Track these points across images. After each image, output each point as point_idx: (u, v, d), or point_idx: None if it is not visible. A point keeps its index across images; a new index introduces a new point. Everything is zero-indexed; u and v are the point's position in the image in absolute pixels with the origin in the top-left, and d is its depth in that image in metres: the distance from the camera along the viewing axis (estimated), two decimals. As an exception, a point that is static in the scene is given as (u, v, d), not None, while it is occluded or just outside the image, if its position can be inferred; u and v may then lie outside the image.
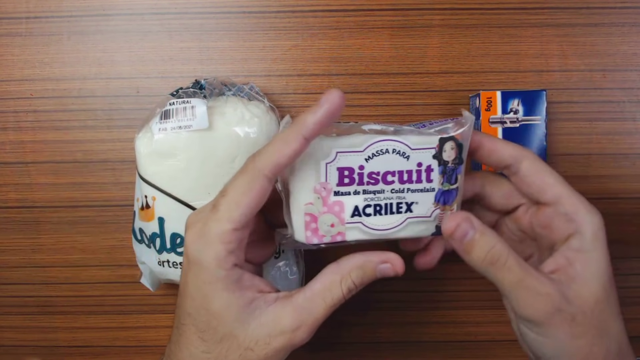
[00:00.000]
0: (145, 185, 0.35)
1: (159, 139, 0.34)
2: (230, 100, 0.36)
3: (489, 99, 0.39)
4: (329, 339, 0.44)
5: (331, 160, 0.28)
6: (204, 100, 0.35)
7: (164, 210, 0.35)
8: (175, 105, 0.34)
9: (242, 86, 0.38)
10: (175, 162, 0.34)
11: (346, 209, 0.28)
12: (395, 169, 0.29)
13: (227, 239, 0.27)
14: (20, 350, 0.44)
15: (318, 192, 0.28)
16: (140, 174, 0.35)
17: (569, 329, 0.28)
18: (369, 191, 0.28)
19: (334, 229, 0.28)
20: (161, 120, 0.34)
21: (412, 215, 0.29)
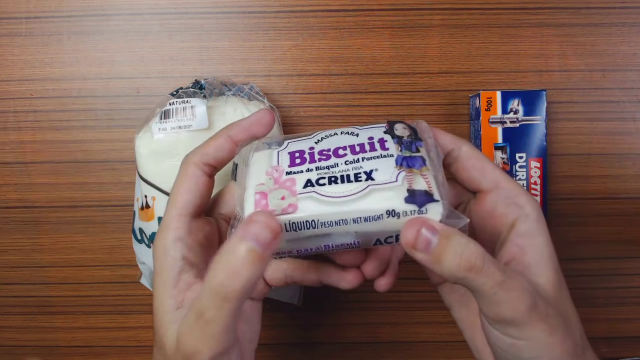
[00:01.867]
0: (145, 185, 0.35)
1: (158, 138, 0.34)
2: (230, 100, 0.37)
3: (489, 99, 0.39)
4: (329, 339, 0.44)
5: (283, 148, 0.28)
6: (203, 100, 0.35)
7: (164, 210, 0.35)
8: (175, 105, 0.34)
9: (242, 86, 0.38)
10: (175, 162, 0.34)
11: (298, 182, 0.26)
12: (346, 144, 0.27)
13: (174, 225, 0.27)
14: (20, 350, 0.44)
15: (269, 174, 0.27)
16: (140, 173, 0.35)
17: (544, 325, 0.26)
18: (322, 167, 0.27)
19: (285, 201, 0.25)
20: (161, 120, 0.34)
21: (374, 183, 0.25)
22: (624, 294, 0.44)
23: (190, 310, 0.25)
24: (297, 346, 0.44)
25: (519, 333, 0.26)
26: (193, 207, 0.28)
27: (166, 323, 0.26)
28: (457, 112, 0.42)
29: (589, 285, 0.43)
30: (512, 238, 0.28)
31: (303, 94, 0.42)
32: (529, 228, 0.28)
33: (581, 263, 0.43)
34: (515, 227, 0.28)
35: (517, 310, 0.25)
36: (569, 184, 0.42)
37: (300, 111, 0.42)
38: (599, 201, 0.43)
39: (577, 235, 0.43)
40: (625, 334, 0.44)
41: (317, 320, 0.44)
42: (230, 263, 0.23)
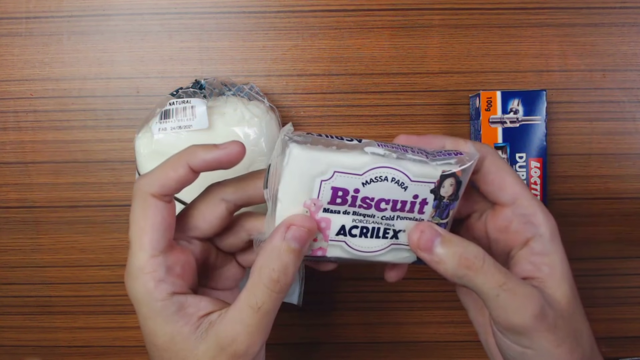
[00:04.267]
0: None
1: (158, 138, 0.34)
2: (230, 100, 0.36)
3: (489, 99, 0.39)
4: (329, 339, 0.44)
5: (327, 179, 0.26)
6: (203, 100, 0.35)
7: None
8: (175, 105, 0.34)
9: (242, 86, 0.38)
10: None
11: (332, 226, 0.27)
12: (391, 197, 0.28)
13: (150, 269, 0.27)
14: (20, 350, 0.44)
15: (307, 207, 0.27)
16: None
17: (553, 336, 0.27)
18: (359, 213, 0.28)
19: (316, 243, 0.28)
20: (161, 120, 0.34)
21: (396, 242, 0.29)
22: (624, 294, 0.44)
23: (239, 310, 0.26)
24: (297, 346, 0.44)
25: (526, 341, 0.27)
26: (164, 243, 0.27)
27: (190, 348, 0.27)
28: (457, 112, 0.42)
29: (589, 285, 0.43)
30: (527, 256, 0.29)
31: (303, 94, 0.42)
32: (543, 247, 0.29)
33: (581, 263, 0.43)
34: (529, 245, 0.29)
35: (523, 316, 0.26)
36: (569, 184, 0.42)
37: (300, 111, 0.42)
38: (599, 201, 0.43)
39: (577, 235, 0.43)
40: (625, 334, 0.44)
41: (317, 320, 0.44)
42: (283, 261, 0.26)
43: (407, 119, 0.42)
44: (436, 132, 0.37)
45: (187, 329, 0.27)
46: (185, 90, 0.36)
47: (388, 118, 0.42)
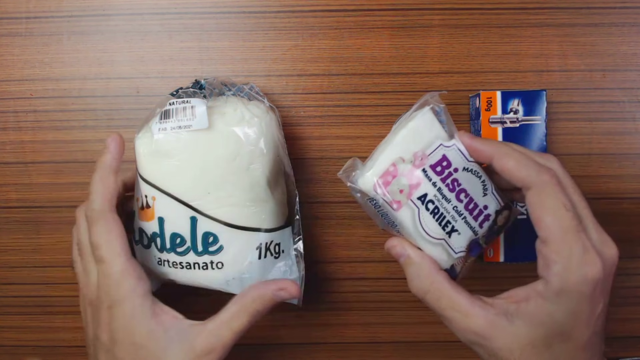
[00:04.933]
0: (145, 184, 0.35)
1: (158, 138, 0.34)
2: (230, 100, 0.36)
3: (489, 99, 0.39)
4: (329, 339, 0.44)
5: (447, 146, 0.31)
6: (203, 100, 0.34)
7: (164, 210, 0.35)
8: (175, 105, 0.34)
9: (242, 86, 0.38)
10: (175, 161, 0.34)
11: (420, 188, 0.30)
12: (471, 194, 0.31)
13: (130, 269, 0.32)
14: (20, 350, 0.45)
15: (415, 156, 0.30)
16: (140, 173, 0.35)
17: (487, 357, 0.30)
18: (442, 192, 0.31)
19: (398, 195, 0.30)
20: (161, 120, 0.34)
21: (446, 240, 0.31)
22: (624, 294, 0.44)
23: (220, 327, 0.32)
24: (297, 346, 0.44)
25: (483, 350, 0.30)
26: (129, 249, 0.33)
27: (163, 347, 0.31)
28: (457, 112, 0.42)
29: (589, 285, 0.43)
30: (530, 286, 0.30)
31: (303, 94, 0.42)
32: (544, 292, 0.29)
33: (581, 263, 0.43)
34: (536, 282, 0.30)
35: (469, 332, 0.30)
36: (569, 184, 0.42)
37: (300, 111, 0.42)
38: (599, 201, 0.43)
39: (577, 235, 0.43)
40: (625, 334, 0.44)
41: (317, 320, 0.44)
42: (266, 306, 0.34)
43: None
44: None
45: (162, 328, 0.31)
46: (185, 90, 0.36)
47: (388, 118, 0.42)
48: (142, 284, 0.32)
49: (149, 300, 0.32)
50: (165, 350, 0.31)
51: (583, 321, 0.29)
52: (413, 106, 0.32)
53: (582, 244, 0.28)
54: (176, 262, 0.36)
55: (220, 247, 0.35)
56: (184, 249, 0.35)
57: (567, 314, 0.29)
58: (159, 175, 0.35)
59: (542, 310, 0.29)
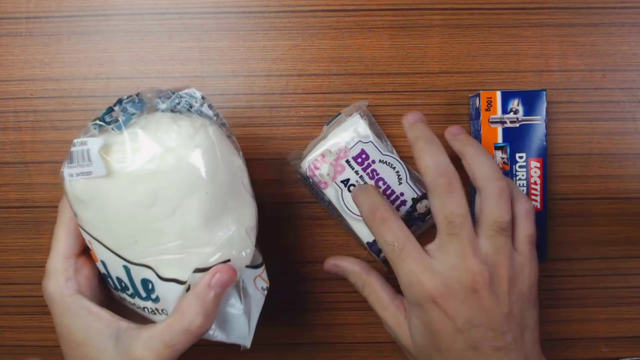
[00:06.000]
0: (81, 228, 0.32)
1: (72, 186, 0.30)
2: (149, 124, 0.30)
3: (489, 99, 0.39)
4: (328, 339, 0.44)
5: (365, 142, 0.38)
6: (99, 141, 0.29)
7: (102, 255, 0.32)
8: (76, 147, 0.29)
9: (179, 95, 0.32)
10: (92, 210, 0.30)
11: (343, 174, 0.38)
12: (388, 182, 0.39)
13: (62, 268, 0.32)
14: (20, 350, 0.44)
15: (340, 150, 0.38)
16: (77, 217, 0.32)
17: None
18: (364, 179, 0.39)
19: (325, 177, 0.38)
20: (68, 165, 0.29)
21: None
22: (624, 294, 0.44)
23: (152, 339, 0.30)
24: (297, 346, 0.44)
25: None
26: (76, 248, 0.33)
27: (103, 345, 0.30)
28: (457, 112, 0.42)
29: (589, 285, 0.43)
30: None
31: (303, 94, 0.42)
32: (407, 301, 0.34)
33: (581, 263, 0.43)
34: None
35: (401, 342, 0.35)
36: (569, 184, 0.42)
37: (300, 111, 0.42)
38: (599, 201, 0.43)
39: (577, 235, 0.43)
40: (625, 334, 0.44)
41: (317, 320, 0.44)
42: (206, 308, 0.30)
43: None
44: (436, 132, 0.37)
45: (98, 326, 0.31)
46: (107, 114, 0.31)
47: (388, 118, 0.42)
48: (70, 285, 0.32)
49: (79, 299, 0.31)
50: (105, 350, 0.30)
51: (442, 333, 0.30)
52: (345, 109, 0.40)
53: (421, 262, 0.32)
54: (131, 302, 0.33)
55: (158, 297, 0.31)
56: (130, 292, 0.32)
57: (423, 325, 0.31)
58: (85, 222, 0.31)
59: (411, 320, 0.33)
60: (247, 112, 0.42)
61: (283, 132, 0.42)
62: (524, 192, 0.40)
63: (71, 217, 0.32)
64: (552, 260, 0.43)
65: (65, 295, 0.31)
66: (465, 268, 0.30)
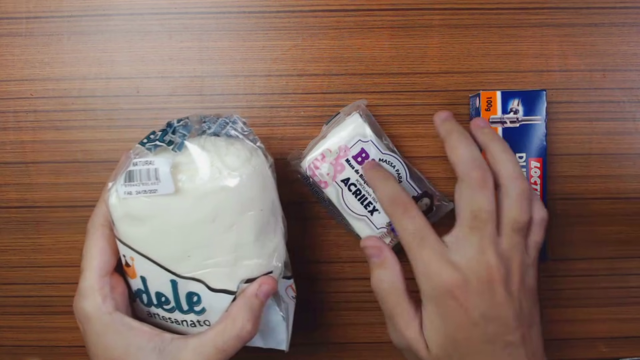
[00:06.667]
0: (122, 245, 0.33)
1: (126, 203, 0.31)
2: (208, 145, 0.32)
3: (489, 99, 0.39)
4: (328, 339, 0.44)
5: (364, 141, 0.38)
6: (168, 160, 0.30)
7: (144, 271, 0.32)
8: (138, 166, 0.30)
9: (224, 120, 0.34)
10: (147, 227, 0.31)
11: (343, 173, 0.38)
12: None
13: (98, 287, 0.32)
14: (20, 350, 0.45)
15: (340, 149, 0.38)
16: (116, 234, 0.33)
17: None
18: (363, 177, 0.38)
19: (325, 177, 0.38)
20: (126, 183, 0.31)
21: (370, 218, 0.39)
22: (623, 294, 0.44)
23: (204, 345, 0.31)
24: (298, 346, 0.44)
25: None
26: (110, 266, 0.33)
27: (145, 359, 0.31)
28: (457, 112, 0.42)
29: (589, 285, 0.43)
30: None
31: (303, 94, 0.42)
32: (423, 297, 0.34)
33: (581, 263, 0.43)
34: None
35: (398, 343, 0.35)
36: (569, 184, 0.42)
37: (300, 111, 0.42)
38: (599, 201, 0.43)
39: (577, 235, 0.43)
40: (625, 334, 0.44)
41: (318, 320, 0.44)
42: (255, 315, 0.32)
43: (407, 118, 0.42)
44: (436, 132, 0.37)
45: (139, 340, 0.31)
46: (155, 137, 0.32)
47: (388, 118, 0.42)
48: (108, 303, 0.32)
49: (119, 316, 0.31)
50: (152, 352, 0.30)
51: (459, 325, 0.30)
52: (343, 109, 0.39)
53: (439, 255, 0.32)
54: (165, 317, 0.34)
55: (204, 309, 0.33)
56: (169, 307, 0.33)
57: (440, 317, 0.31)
58: (133, 238, 0.32)
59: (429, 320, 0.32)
60: (247, 112, 0.42)
61: (283, 132, 0.42)
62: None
63: (104, 234, 0.33)
64: (552, 260, 0.43)
65: (104, 313, 0.31)
66: (483, 262, 0.30)
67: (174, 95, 0.42)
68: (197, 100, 0.42)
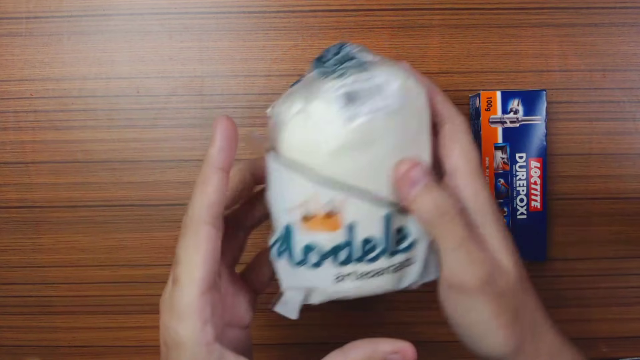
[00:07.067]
0: (327, 188, 0.28)
1: (353, 128, 0.27)
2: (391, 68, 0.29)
3: (489, 99, 0.39)
4: (328, 339, 0.44)
5: None
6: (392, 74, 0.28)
7: (356, 213, 0.28)
8: (360, 83, 0.28)
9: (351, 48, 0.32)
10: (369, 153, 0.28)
11: None
12: None
13: (199, 307, 0.25)
14: (20, 350, 0.44)
15: None
16: (321, 173, 0.28)
17: (494, 306, 0.27)
18: None
19: None
20: (347, 105, 0.27)
21: None
22: (624, 294, 0.44)
23: None
24: (297, 346, 0.44)
25: (468, 303, 0.27)
26: (214, 278, 0.26)
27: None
28: (457, 112, 0.42)
29: (589, 285, 0.43)
30: None
31: (303, 94, 0.42)
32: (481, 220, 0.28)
33: (581, 263, 0.43)
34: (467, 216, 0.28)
35: (472, 276, 0.26)
36: (569, 184, 0.42)
37: (300, 111, 0.42)
38: (599, 201, 0.43)
39: (577, 235, 0.43)
40: (625, 334, 0.44)
41: (318, 320, 0.44)
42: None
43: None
44: (436, 132, 0.37)
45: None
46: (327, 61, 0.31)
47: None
48: (208, 330, 0.25)
49: (218, 350, 0.26)
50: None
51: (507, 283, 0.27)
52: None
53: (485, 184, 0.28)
54: (365, 272, 0.29)
55: (412, 243, 0.29)
56: (375, 254, 0.29)
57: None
58: (351, 172, 0.28)
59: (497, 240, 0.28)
60: (247, 112, 0.42)
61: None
62: (524, 192, 0.40)
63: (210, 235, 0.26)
64: (552, 260, 0.43)
65: (202, 343, 0.25)
66: None
67: (174, 95, 0.42)
68: (197, 100, 0.42)
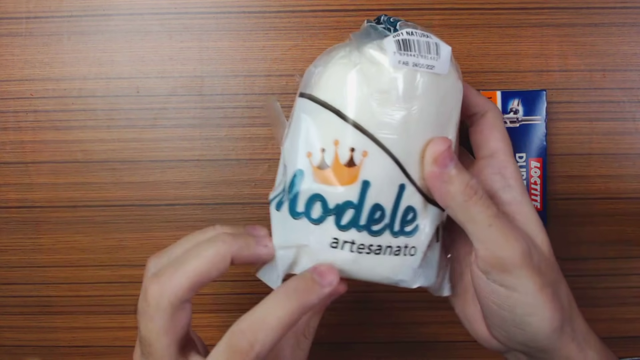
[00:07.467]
0: (356, 132, 0.26)
1: (396, 76, 0.26)
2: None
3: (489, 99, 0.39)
4: (328, 339, 0.44)
5: None
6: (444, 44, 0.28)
7: (374, 171, 0.26)
8: (415, 36, 0.26)
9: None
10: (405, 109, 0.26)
11: None
12: None
13: None
14: (20, 350, 0.45)
15: None
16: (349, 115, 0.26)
17: (537, 278, 0.26)
18: None
19: None
20: (400, 51, 0.26)
21: None
22: (624, 294, 0.44)
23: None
24: (297, 346, 0.44)
25: (511, 281, 0.26)
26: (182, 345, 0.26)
27: None
28: (457, 112, 0.42)
29: (589, 285, 0.43)
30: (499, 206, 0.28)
31: (303, 94, 0.42)
32: (513, 197, 0.29)
33: (581, 263, 0.43)
34: (498, 196, 0.29)
35: (512, 251, 0.26)
36: (569, 184, 0.42)
37: (300, 111, 0.42)
38: (599, 201, 0.43)
39: (577, 235, 0.43)
40: (625, 334, 0.44)
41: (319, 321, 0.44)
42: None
43: (407, 119, 0.42)
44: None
45: None
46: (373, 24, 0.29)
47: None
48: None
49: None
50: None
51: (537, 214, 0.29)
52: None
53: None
54: (363, 245, 0.27)
55: (416, 228, 0.28)
56: (380, 227, 0.27)
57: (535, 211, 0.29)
58: (382, 123, 0.26)
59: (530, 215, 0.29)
60: (247, 112, 0.42)
61: (283, 132, 0.42)
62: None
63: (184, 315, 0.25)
64: (552, 260, 0.43)
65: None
66: None
67: (174, 95, 0.42)
68: (197, 100, 0.42)
